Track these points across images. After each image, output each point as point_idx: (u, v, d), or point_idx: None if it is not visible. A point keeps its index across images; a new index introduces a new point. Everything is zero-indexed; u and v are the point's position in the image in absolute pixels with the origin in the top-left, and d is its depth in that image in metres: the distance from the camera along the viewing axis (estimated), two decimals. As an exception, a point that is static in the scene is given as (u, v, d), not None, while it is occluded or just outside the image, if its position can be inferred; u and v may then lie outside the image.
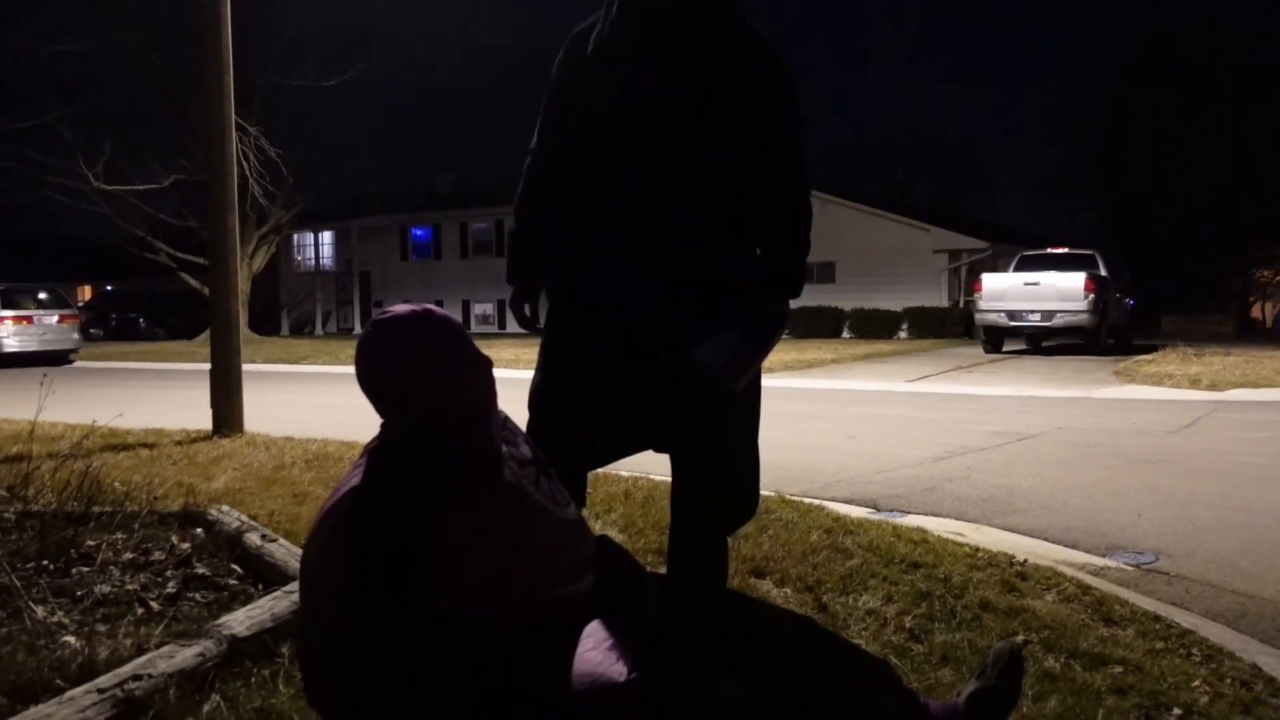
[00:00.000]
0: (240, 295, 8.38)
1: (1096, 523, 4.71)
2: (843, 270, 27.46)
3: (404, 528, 1.63)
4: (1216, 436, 7.70)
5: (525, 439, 1.91)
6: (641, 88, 2.38)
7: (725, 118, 2.34)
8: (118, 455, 5.95)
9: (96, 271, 39.48)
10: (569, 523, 1.85)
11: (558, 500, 1.83)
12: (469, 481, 1.69)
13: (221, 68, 7.30)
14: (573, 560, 1.82)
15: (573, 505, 1.90)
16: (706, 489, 2.48)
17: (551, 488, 1.84)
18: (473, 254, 34.85)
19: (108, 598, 2.91)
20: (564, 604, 1.74)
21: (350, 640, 1.61)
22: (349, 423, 7.76)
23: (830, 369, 14.86)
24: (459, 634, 1.60)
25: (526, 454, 1.84)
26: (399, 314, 1.73)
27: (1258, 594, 3.63)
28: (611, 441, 2.47)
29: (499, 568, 1.67)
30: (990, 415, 9.06)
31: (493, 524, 1.68)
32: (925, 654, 2.70)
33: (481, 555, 1.65)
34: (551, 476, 1.87)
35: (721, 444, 2.45)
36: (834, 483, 5.44)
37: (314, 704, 1.82)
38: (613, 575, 1.87)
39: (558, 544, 1.78)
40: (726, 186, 2.37)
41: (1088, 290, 16.98)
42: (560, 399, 2.44)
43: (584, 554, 1.85)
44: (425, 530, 1.62)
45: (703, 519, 2.53)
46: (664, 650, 1.70)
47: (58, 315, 19.16)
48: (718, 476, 2.47)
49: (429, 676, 1.60)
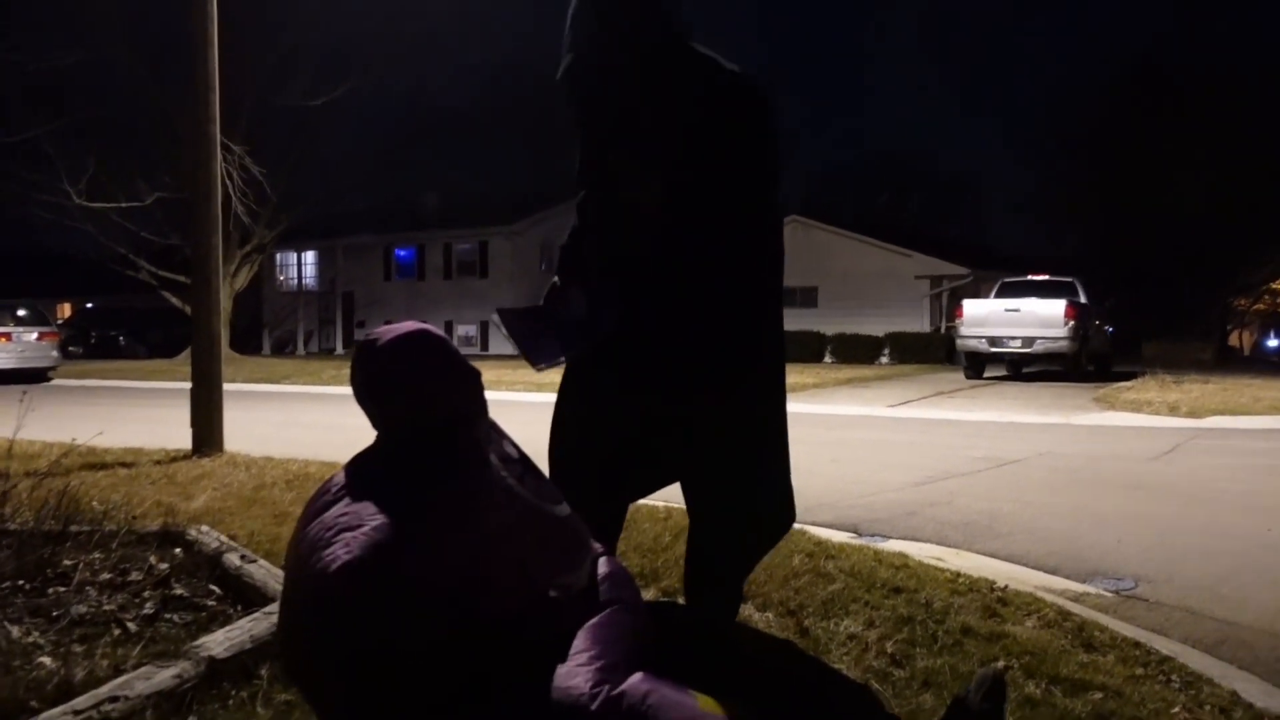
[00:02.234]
0: (222, 314, 8.35)
1: (1077, 548, 4.73)
2: (825, 295, 27.62)
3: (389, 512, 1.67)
4: (1195, 463, 7.75)
5: (510, 441, 2.00)
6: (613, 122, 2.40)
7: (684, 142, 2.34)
8: (96, 474, 5.91)
9: (77, 288, 39.24)
10: (559, 519, 1.92)
11: (545, 496, 1.93)
12: (456, 472, 1.79)
13: (208, 87, 7.31)
14: (562, 554, 1.88)
15: (564, 504, 1.94)
16: (727, 516, 2.47)
17: (538, 485, 1.93)
18: (456, 275, 34.82)
19: (85, 618, 2.88)
20: (554, 599, 1.81)
21: (332, 618, 1.63)
22: (330, 443, 7.74)
23: (813, 393, 14.89)
24: (447, 621, 1.64)
25: (512, 453, 1.96)
26: (397, 329, 1.92)
27: (1237, 621, 3.64)
28: (633, 468, 2.46)
29: (484, 554, 1.73)
30: (972, 440, 9.10)
31: (477, 512, 1.76)
32: (907, 679, 2.70)
33: (466, 541, 1.72)
34: (539, 475, 1.98)
35: (734, 470, 2.44)
36: (816, 507, 5.44)
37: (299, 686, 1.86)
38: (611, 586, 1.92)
39: (545, 536, 1.87)
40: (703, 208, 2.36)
41: (1068, 317, 17.12)
42: (579, 425, 2.45)
43: (576, 550, 1.90)
44: (411, 515, 1.67)
45: (723, 548, 2.51)
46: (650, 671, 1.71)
47: (37, 332, 18.99)
48: (738, 503, 2.46)
49: (418, 664, 1.62)
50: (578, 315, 2.40)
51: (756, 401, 2.46)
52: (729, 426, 2.39)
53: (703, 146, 2.33)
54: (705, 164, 2.33)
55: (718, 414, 2.38)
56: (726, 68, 2.40)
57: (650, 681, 1.66)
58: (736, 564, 2.56)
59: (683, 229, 2.34)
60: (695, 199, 2.34)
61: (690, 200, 2.34)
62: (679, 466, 2.49)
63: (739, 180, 2.36)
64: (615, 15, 2.30)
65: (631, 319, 2.37)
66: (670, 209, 2.35)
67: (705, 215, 2.35)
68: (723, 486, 2.46)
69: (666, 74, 2.35)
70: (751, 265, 2.39)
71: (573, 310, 2.41)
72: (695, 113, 2.33)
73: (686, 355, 2.32)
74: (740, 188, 2.37)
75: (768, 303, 2.47)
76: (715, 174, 2.33)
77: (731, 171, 2.35)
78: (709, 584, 2.55)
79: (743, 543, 2.53)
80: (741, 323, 2.37)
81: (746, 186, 2.38)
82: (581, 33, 2.35)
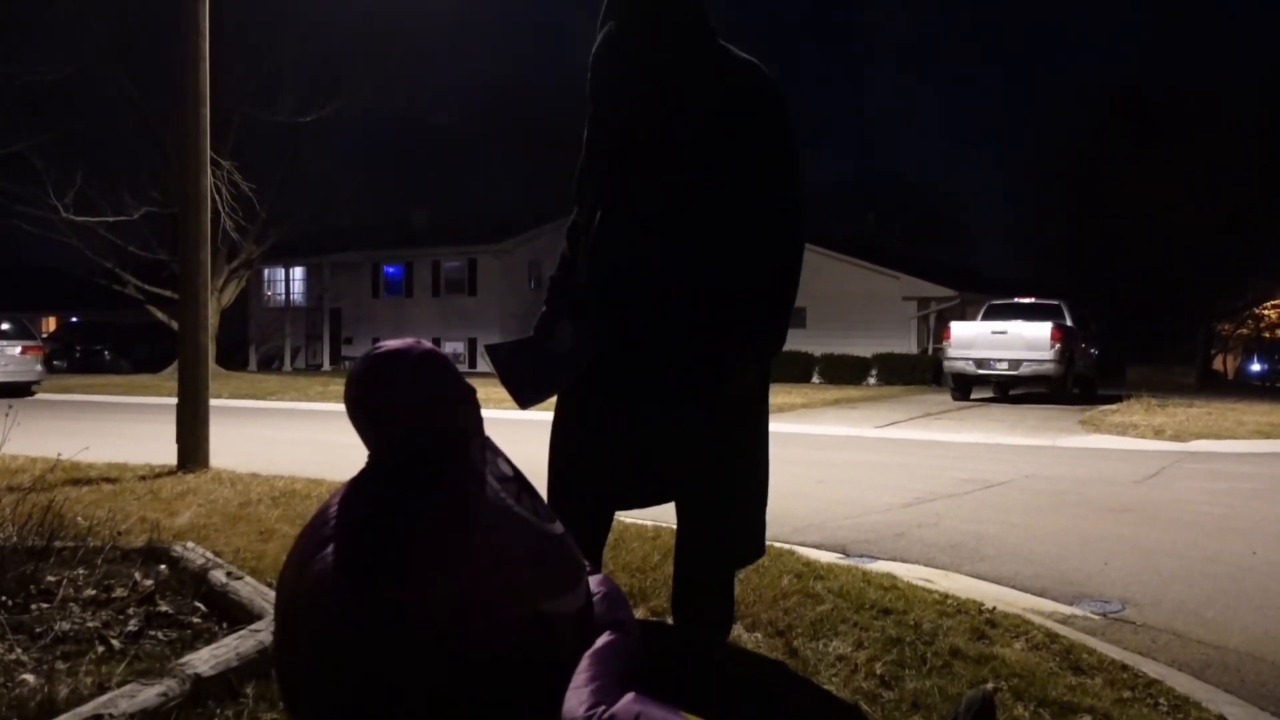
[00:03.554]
0: (209, 329, 8.32)
1: (1064, 570, 4.74)
2: (813, 316, 27.66)
3: (387, 539, 1.65)
4: (1181, 486, 7.78)
5: (505, 459, 1.99)
6: (624, 122, 2.41)
7: (709, 144, 2.34)
8: (81, 490, 5.86)
9: (62, 302, 39.01)
10: (553, 537, 1.91)
11: (540, 515, 1.92)
12: (453, 494, 1.78)
13: (198, 100, 7.30)
14: (558, 574, 1.88)
15: (558, 522, 1.93)
16: (712, 532, 2.48)
17: (534, 504, 1.92)
18: (445, 292, 34.79)
19: (68, 635, 2.84)
20: (551, 620, 1.79)
21: (333, 652, 1.62)
22: (316, 460, 7.70)
23: (800, 414, 14.90)
24: (442, 645, 1.62)
25: (507, 472, 1.95)
26: (395, 346, 1.89)
27: (1223, 644, 3.65)
28: (627, 482, 2.47)
29: (482, 576, 1.72)
30: (959, 462, 9.11)
31: (475, 533, 1.75)
32: (896, 700, 2.69)
33: (464, 563, 1.70)
34: (534, 494, 1.96)
35: (725, 485, 2.45)
36: (804, 527, 5.44)
37: (295, 715, 1.83)
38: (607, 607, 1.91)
39: (541, 556, 1.86)
40: (715, 217, 2.36)
41: (1054, 340, 17.21)
42: (575, 438, 2.46)
43: (571, 570, 1.89)
44: (409, 541, 1.65)
45: (708, 563, 2.52)
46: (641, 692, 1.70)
47: (21, 346, 18.86)
48: (720, 518, 2.47)
49: (413, 688, 1.61)
50: (563, 348, 2.43)
51: (746, 419, 2.47)
52: (715, 442, 2.40)
53: (720, 147, 2.33)
54: (722, 165, 2.33)
55: (705, 428, 2.38)
56: (742, 59, 2.40)
57: (641, 702, 1.65)
58: (720, 578, 2.56)
59: (690, 235, 2.34)
60: (706, 202, 2.34)
61: (700, 203, 2.34)
62: (668, 481, 2.49)
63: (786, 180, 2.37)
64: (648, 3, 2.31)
65: (624, 332, 2.37)
66: (676, 212, 2.35)
67: (716, 219, 2.35)
68: (712, 502, 2.46)
69: (687, 70, 2.35)
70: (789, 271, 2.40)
71: (559, 342, 2.44)
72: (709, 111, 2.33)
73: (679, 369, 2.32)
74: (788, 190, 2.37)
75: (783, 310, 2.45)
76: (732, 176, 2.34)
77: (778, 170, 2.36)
78: (695, 600, 2.55)
79: (725, 558, 2.53)
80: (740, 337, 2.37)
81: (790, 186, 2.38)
82: (613, 17, 2.37)
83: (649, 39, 2.34)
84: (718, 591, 2.56)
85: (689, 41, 2.34)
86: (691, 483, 2.46)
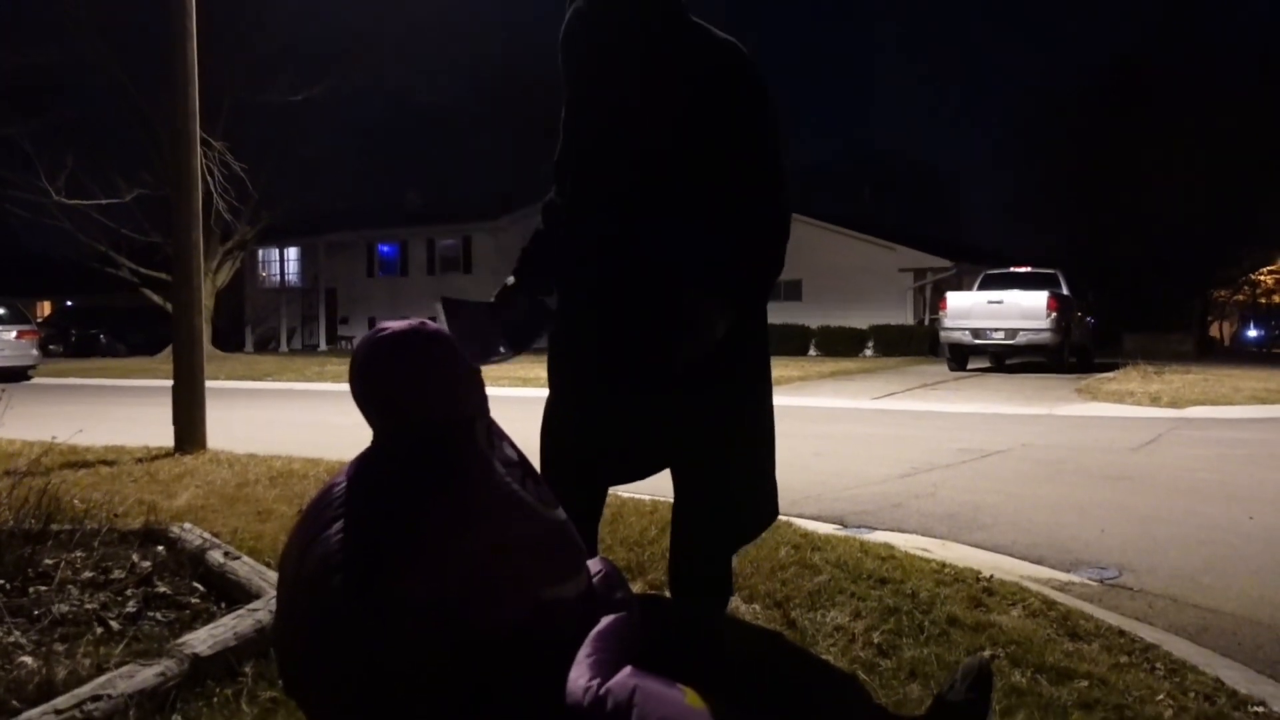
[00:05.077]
0: (204, 311, 8.31)
1: (1061, 538, 4.75)
2: (809, 288, 27.66)
3: (393, 524, 1.64)
4: (1177, 453, 7.80)
5: (510, 443, 1.97)
6: (604, 103, 2.39)
7: (691, 123, 2.33)
8: (77, 472, 5.86)
9: (56, 287, 38.94)
10: (557, 523, 1.89)
11: (544, 501, 1.89)
12: (459, 480, 1.76)
13: (187, 80, 7.24)
14: (561, 560, 1.86)
15: (560, 508, 1.92)
16: (706, 504, 2.48)
17: (538, 489, 1.90)
18: (440, 271, 34.72)
19: (66, 617, 2.85)
20: (554, 606, 1.78)
21: (335, 634, 1.62)
22: (314, 440, 7.70)
23: (797, 386, 14.92)
24: (446, 630, 1.62)
25: (512, 456, 1.92)
26: (398, 328, 1.85)
27: (1219, 609, 3.67)
28: (621, 454, 2.46)
29: (487, 563, 1.70)
30: (956, 432, 9.13)
31: (481, 520, 1.73)
32: (893, 669, 2.70)
33: (470, 550, 1.69)
34: (538, 479, 1.94)
35: (718, 454, 2.44)
36: (801, 499, 5.45)
37: (294, 696, 1.83)
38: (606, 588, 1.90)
39: (546, 542, 1.84)
40: (697, 191, 2.35)
41: (1050, 309, 17.20)
42: (566, 411, 2.45)
43: (573, 556, 1.89)
44: (415, 527, 1.64)
45: (702, 535, 2.52)
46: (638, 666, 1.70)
47: (16, 331, 18.82)
48: (717, 491, 2.47)
49: (416, 674, 1.61)
50: (520, 319, 2.41)
51: (741, 391, 2.47)
52: (712, 415, 2.40)
53: (702, 126, 2.31)
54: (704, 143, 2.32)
55: (700, 402, 2.38)
56: (721, 38, 2.38)
57: (637, 676, 1.65)
58: (716, 551, 2.56)
59: (672, 214, 2.33)
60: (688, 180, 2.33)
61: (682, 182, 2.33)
62: (663, 453, 2.49)
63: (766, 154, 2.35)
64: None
65: (608, 306, 2.37)
66: (658, 192, 2.34)
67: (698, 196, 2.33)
68: (704, 473, 2.46)
69: (663, 46, 2.33)
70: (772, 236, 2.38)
71: (516, 314, 2.42)
72: (691, 90, 2.31)
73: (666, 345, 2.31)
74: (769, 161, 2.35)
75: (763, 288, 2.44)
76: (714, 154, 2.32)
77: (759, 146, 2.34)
78: (690, 572, 2.55)
79: (721, 531, 2.53)
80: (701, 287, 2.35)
81: (771, 158, 2.36)
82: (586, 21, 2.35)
83: (624, 16, 2.31)
84: (714, 563, 2.56)
85: (663, 19, 2.32)
86: (683, 452, 2.46)
